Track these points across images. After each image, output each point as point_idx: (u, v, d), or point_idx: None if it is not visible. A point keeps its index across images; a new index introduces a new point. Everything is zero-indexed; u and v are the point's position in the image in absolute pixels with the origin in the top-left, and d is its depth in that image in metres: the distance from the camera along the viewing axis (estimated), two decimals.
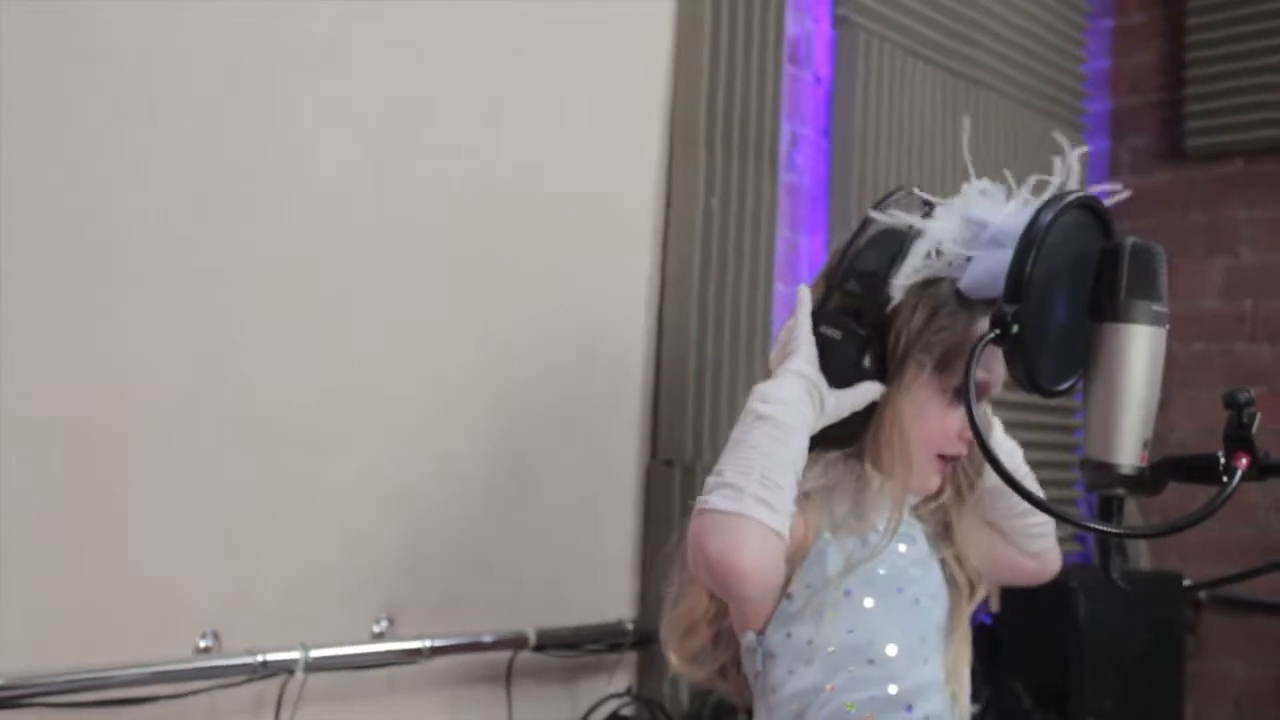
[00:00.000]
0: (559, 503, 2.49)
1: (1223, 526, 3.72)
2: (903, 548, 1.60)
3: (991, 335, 1.33)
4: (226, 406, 1.99)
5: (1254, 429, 1.23)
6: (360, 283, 2.18)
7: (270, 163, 2.06)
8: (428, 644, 2.20)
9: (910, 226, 1.52)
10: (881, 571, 1.57)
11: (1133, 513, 3.22)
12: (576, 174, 2.54)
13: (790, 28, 3.03)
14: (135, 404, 1.89)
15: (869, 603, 1.55)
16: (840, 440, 1.54)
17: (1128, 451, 1.29)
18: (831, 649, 1.54)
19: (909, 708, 1.54)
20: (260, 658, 1.95)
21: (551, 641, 2.41)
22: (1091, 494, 1.34)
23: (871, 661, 1.53)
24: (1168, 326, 1.30)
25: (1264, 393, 3.72)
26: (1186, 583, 3.64)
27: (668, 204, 2.73)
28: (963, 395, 1.51)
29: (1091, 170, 4.16)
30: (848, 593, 1.54)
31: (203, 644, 1.94)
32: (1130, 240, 1.31)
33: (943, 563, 1.65)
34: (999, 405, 1.71)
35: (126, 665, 1.82)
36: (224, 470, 1.99)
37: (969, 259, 1.48)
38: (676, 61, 2.73)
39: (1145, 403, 1.30)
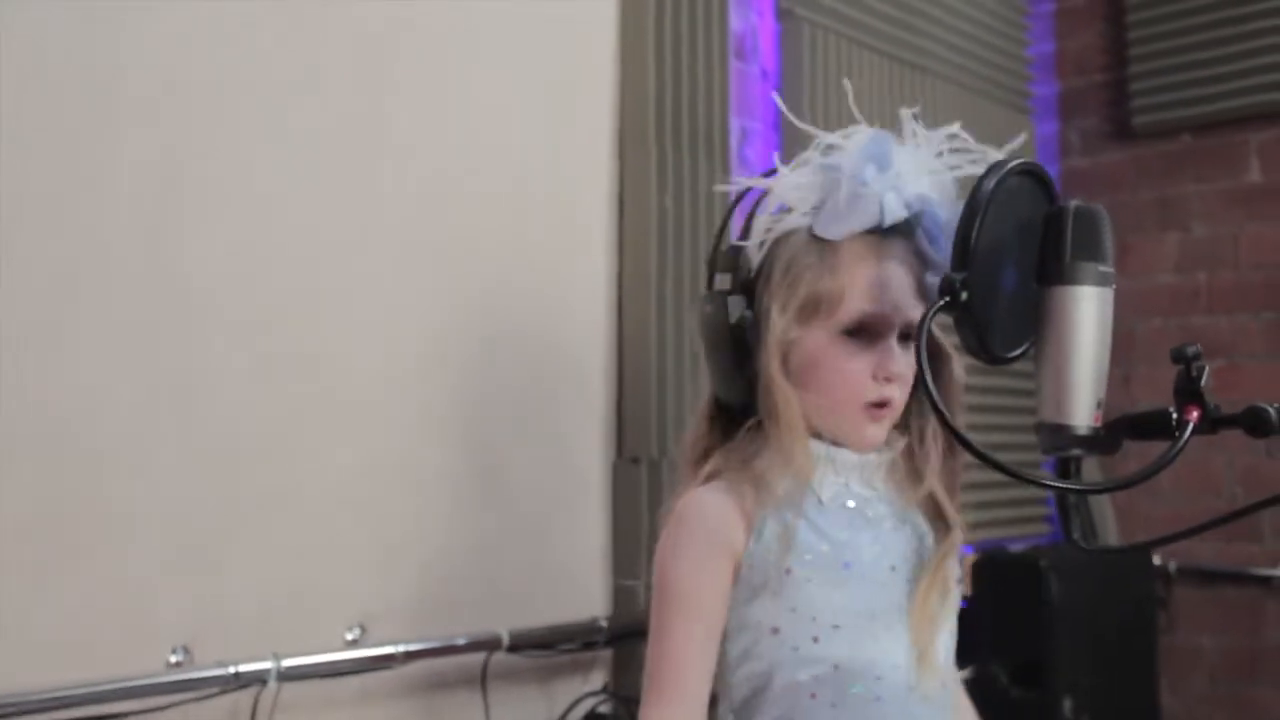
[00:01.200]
0: (527, 504, 2.49)
1: (1189, 499, 3.76)
2: (849, 519, 1.56)
3: (941, 303, 1.33)
4: (192, 420, 1.99)
5: (1203, 382, 1.24)
6: (321, 291, 2.17)
7: (226, 173, 2.05)
8: (401, 649, 2.19)
9: (765, 187, 1.59)
10: (824, 548, 1.53)
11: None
12: (530, 176, 2.54)
13: (734, 23, 3.05)
14: (102, 420, 1.88)
15: (810, 580, 1.51)
16: (749, 407, 1.58)
17: (1082, 412, 1.30)
18: (775, 628, 1.51)
19: (857, 685, 1.51)
20: (232, 669, 1.94)
21: (525, 642, 2.40)
22: (1049, 456, 1.34)
23: (816, 640, 1.50)
24: (1114, 286, 1.31)
25: (1223, 365, 3.76)
26: (1157, 559, 3.67)
27: (621, 203, 2.73)
28: (893, 349, 1.53)
29: (1041, 153, 4.19)
30: (788, 571, 1.51)
31: (174, 659, 1.92)
32: (1073, 203, 1.32)
33: (910, 518, 1.61)
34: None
35: (99, 683, 1.81)
36: (189, 484, 1.98)
37: (822, 202, 1.54)
38: (623, 60, 2.74)
39: (1097, 363, 1.30)
